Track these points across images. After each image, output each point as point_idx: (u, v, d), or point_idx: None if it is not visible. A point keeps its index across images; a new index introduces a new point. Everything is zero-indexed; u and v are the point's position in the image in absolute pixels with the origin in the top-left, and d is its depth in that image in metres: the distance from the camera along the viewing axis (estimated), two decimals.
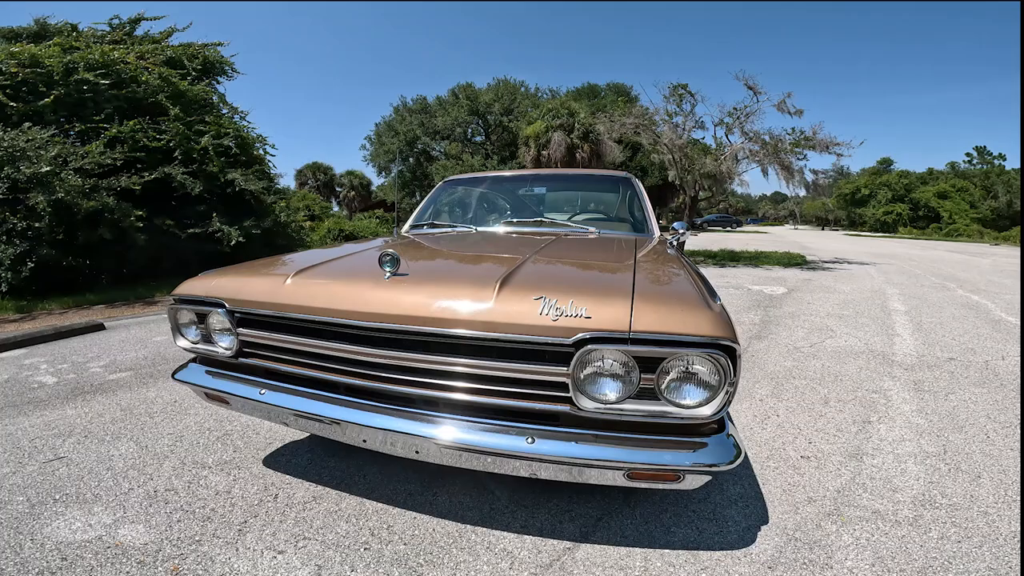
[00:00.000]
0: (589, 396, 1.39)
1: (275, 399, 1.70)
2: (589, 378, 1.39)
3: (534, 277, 1.63)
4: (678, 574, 1.59)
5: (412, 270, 1.69)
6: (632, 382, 1.36)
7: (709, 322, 1.34)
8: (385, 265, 1.61)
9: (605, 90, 31.87)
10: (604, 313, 1.36)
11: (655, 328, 1.33)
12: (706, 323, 1.34)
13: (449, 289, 1.52)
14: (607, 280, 1.67)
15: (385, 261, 1.61)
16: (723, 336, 1.32)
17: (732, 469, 1.56)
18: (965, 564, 1.65)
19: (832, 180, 13.94)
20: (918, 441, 2.63)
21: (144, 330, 5.16)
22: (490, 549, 1.67)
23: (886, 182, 46.01)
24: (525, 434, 1.43)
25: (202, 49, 10.20)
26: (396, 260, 1.61)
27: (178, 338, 1.97)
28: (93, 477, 2.16)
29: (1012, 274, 11.36)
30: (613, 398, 1.38)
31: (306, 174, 36.62)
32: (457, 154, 27.49)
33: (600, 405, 1.39)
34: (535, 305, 1.40)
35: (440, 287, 1.55)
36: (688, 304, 1.41)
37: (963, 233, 35.62)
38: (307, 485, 2.07)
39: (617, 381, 1.38)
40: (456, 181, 3.86)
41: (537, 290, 1.46)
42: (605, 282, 1.64)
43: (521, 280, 1.57)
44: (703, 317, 1.36)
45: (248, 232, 8.72)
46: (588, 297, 1.42)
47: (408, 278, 1.60)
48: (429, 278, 1.66)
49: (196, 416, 2.89)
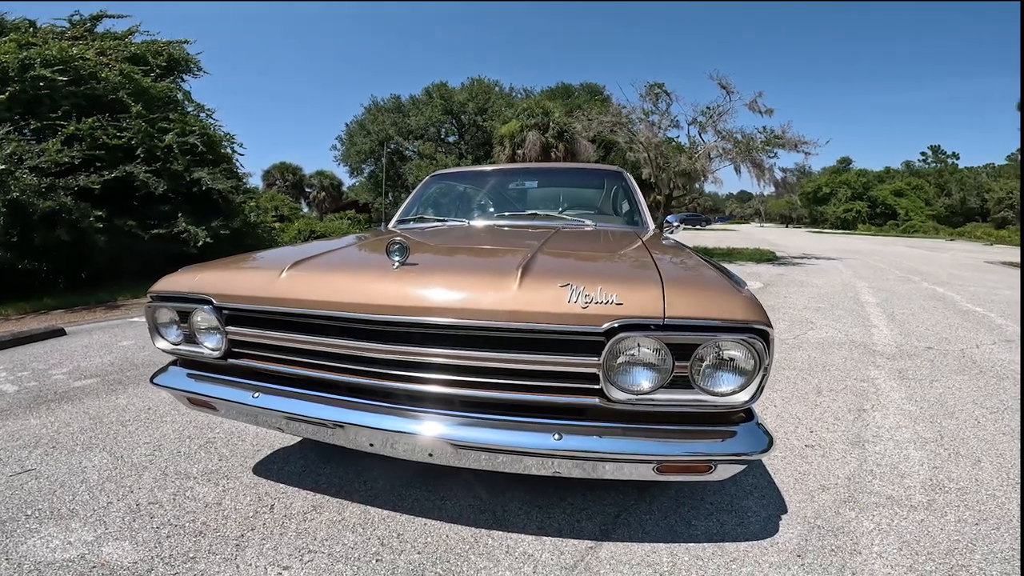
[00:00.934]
0: (620, 387, 1.32)
1: (271, 403, 1.56)
2: (621, 367, 1.31)
3: (554, 265, 1.55)
4: (707, 567, 1.54)
5: (420, 260, 1.58)
6: (665, 370, 1.30)
7: (743, 306, 1.30)
8: (393, 254, 1.49)
9: (578, 90, 32.00)
10: (636, 299, 1.29)
11: (690, 313, 1.27)
12: (740, 307, 1.29)
13: (466, 278, 1.43)
14: (630, 267, 1.60)
15: (393, 250, 1.50)
16: (757, 320, 1.27)
17: (764, 457, 1.51)
18: (988, 546, 1.65)
19: (796, 179, 14.33)
20: (914, 428, 2.67)
21: (108, 335, 4.87)
22: (510, 553, 1.58)
23: (846, 181, 47.82)
24: (552, 430, 1.35)
25: (166, 46, 9.79)
26: (405, 248, 1.50)
27: (157, 339, 1.81)
28: (66, 490, 1.98)
29: (971, 267, 11.90)
30: (646, 388, 1.31)
31: (274, 175, 35.60)
32: (431, 154, 27.17)
33: (632, 396, 1.32)
34: (562, 292, 1.32)
35: (456, 276, 1.45)
36: (719, 289, 1.36)
37: (919, 229, 37.30)
38: (304, 494, 1.94)
39: (650, 370, 1.31)
40: (443, 175, 3.75)
41: (562, 277, 1.38)
42: (629, 269, 1.57)
43: (542, 268, 1.48)
44: (736, 301, 1.31)
45: (216, 232, 8.40)
46: (617, 283, 1.34)
47: (418, 268, 1.49)
48: (441, 268, 1.56)
49: (174, 423, 2.70)
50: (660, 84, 12.60)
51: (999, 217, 31.91)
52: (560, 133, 16.79)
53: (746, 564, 1.56)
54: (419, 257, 1.60)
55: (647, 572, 1.52)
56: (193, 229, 8.04)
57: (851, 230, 42.05)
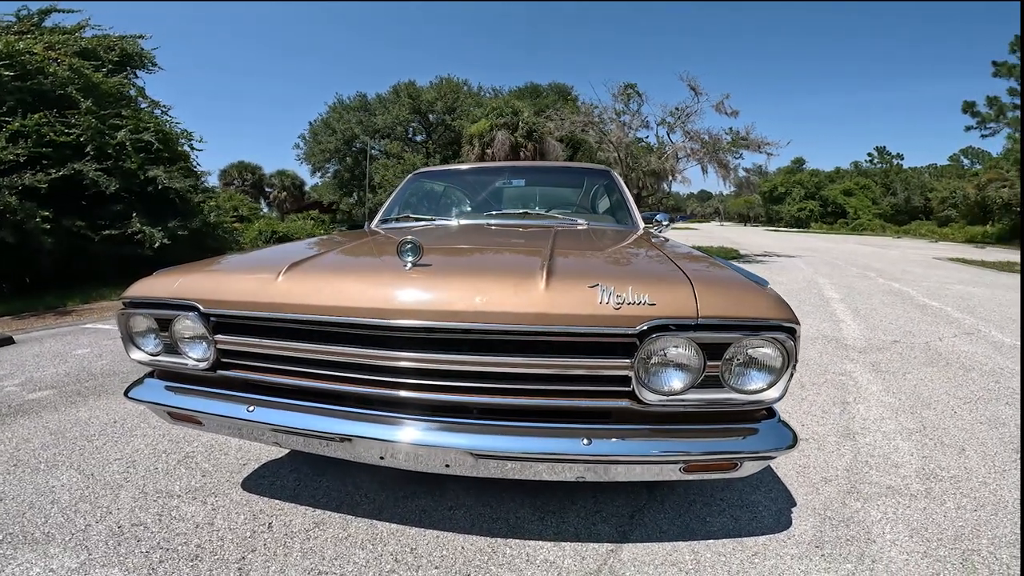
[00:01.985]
0: (652, 388, 1.29)
1: (268, 417, 1.45)
2: (654, 369, 1.29)
3: (577, 265, 1.50)
4: (731, 563, 1.54)
5: (433, 261, 1.50)
6: (697, 370, 1.27)
7: (772, 305, 1.30)
8: (406, 254, 1.41)
9: (547, 90, 32.15)
10: (668, 299, 1.26)
11: (722, 313, 1.26)
12: (768, 306, 1.29)
13: (488, 279, 1.36)
14: (654, 267, 1.58)
15: (406, 249, 1.41)
16: (787, 318, 1.28)
17: (789, 453, 1.51)
18: (992, 531, 1.71)
19: (757, 179, 14.94)
20: (897, 419, 2.76)
21: (60, 343, 4.53)
22: (530, 562, 1.53)
23: (799, 180, 49.84)
24: (580, 435, 1.30)
25: (119, 41, 9.27)
26: (418, 248, 1.41)
27: (132, 350, 1.64)
28: (37, 513, 1.80)
29: (921, 263, 12.59)
30: (678, 388, 1.29)
31: (232, 174, 34.27)
32: (398, 153, 26.71)
33: (663, 397, 1.29)
34: (591, 293, 1.27)
35: (476, 278, 1.38)
36: (747, 288, 1.36)
37: (867, 228, 39.26)
38: (303, 510, 1.82)
39: (682, 370, 1.29)
40: (427, 174, 3.65)
41: (589, 277, 1.34)
42: (654, 269, 1.54)
43: (567, 268, 1.43)
44: (764, 300, 1.31)
45: (173, 233, 8.00)
46: (647, 284, 1.31)
47: (432, 268, 1.42)
48: (459, 269, 1.48)
49: (145, 437, 2.52)
50: (632, 85, 12.84)
51: (943, 216, 33.89)
52: (529, 133, 16.81)
53: (768, 557, 1.56)
54: (430, 258, 1.52)
55: (672, 571, 1.50)
56: (148, 230, 7.64)
57: (805, 228, 43.84)
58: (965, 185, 31.12)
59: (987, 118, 29.93)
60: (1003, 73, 28.12)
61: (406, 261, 1.41)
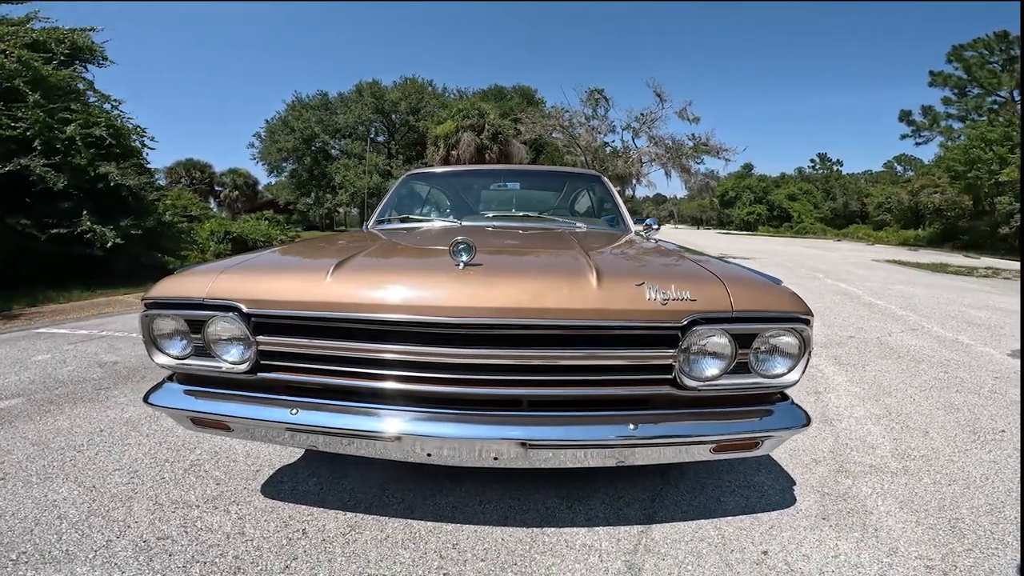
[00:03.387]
0: (692, 375, 1.42)
1: (315, 419, 1.45)
2: (694, 357, 1.42)
3: (618, 265, 1.61)
4: (752, 535, 1.70)
5: (483, 261, 1.54)
6: (730, 358, 1.42)
7: (790, 299, 1.47)
8: (459, 254, 1.46)
9: (511, 92, 32.41)
10: (706, 296, 1.40)
11: (753, 307, 1.41)
12: (789, 300, 1.46)
13: (542, 278, 1.44)
14: (683, 266, 1.70)
15: (460, 249, 1.46)
16: (803, 311, 1.45)
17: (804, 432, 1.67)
18: (969, 502, 1.94)
19: (715, 183, 15.75)
20: (864, 406, 3.02)
21: (16, 349, 4.25)
22: (570, 547, 1.62)
23: (749, 185, 52.34)
24: (627, 421, 1.40)
25: (70, 34, 8.76)
26: (471, 248, 1.47)
27: (156, 354, 1.59)
28: (46, 529, 1.73)
29: (862, 265, 13.52)
30: (713, 374, 1.43)
31: (179, 172, 32.64)
32: (359, 153, 26.21)
33: (701, 383, 1.42)
34: (640, 291, 1.39)
35: (531, 277, 1.46)
36: (768, 285, 1.52)
37: (810, 231, 41.64)
38: (333, 514, 1.82)
39: (717, 359, 1.43)
40: (421, 175, 3.68)
41: (633, 276, 1.45)
42: (686, 268, 1.67)
43: (611, 268, 1.54)
44: (785, 296, 1.48)
45: (126, 232, 7.65)
46: (684, 282, 1.44)
47: (483, 268, 1.48)
48: (509, 268, 1.55)
49: (140, 446, 2.43)
50: (600, 89, 13.22)
51: (879, 220, 36.49)
52: (495, 135, 16.92)
53: (785, 529, 1.74)
54: (479, 257, 1.55)
55: (703, 546, 1.64)
56: (99, 229, 7.28)
57: (753, 231, 46.08)
58: (899, 191, 33.59)
59: (922, 127, 32.45)
60: (939, 83, 30.56)
61: (459, 260, 1.46)
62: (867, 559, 1.59)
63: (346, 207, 32.44)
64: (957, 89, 30.81)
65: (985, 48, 29.32)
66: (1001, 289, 8.99)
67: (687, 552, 1.61)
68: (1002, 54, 28.86)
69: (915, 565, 1.57)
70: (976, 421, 2.77)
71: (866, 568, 1.56)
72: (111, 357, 3.95)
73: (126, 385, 3.30)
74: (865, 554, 1.62)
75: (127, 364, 3.76)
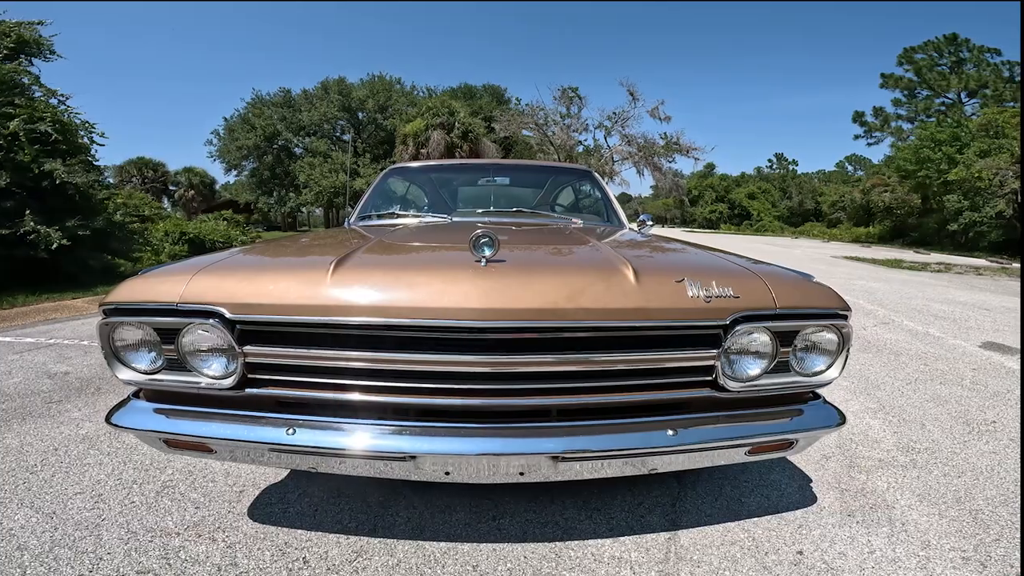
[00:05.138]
0: (734, 376, 1.34)
1: (316, 439, 1.27)
2: (735, 357, 1.34)
3: (654, 261, 1.51)
4: (782, 534, 1.65)
5: (506, 256, 1.41)
6: (771, 356, 1.35)
7: (830, 295, 1.41)
8: (481, 248, 1.31)
9: (481, 91, 32.18)
10: (748, 292, 1.33)
11: (796, 304, 1.34)
12: (828, 295, 1.41)
13: (576, 275, 1.33)
14: (716, 262, 1.62)
15: (482, 243, 1.31)
16: (841, 307, 1.39)
17: (839, 430, 1.61)
18: (981, 492, 1.94)
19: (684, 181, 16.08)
20: (858, 400, 3.04)
21: None
22: (599, 560, 1.51)
23: (711, 184, 53.75)
24: (665, 427, 1.31)
25: (16, 27, 8.18)
26: (494, 242, 1.32)
27: (120, 368, 1.37)
28: (7, 562, 1.50)
29: (822, 261, 14.00)
30: (755, 374, 1.35)
31: (130, 170, 30.92)
32: (324, 151, 25.45)
33: (742, 384, 1.34)
34: (681, 288, 1.29)
35: (563, 274, 1.34)
36: (805, 280, 1.46)
37: (768, 228, 43.09)
38: (335, 538, 1.66)
39: (760, 358, 1.35)
40: (405, 169, 3.52)
41: (672, 272, 1.36)
42: (719, 264, 1.59)
43: (648, 264, 1.44)
44: (824, 291, 1.42)
45: (73, 234, 7.19)
46: (726, 278, 1.36)
47: (507, 264, 1.35)
48: (536, 265, 1.43)
49: (102, 466, 2.20)
50: (574, 88, 13.24)
51: (833, 218, 38.05)
52: (465, 133, 16.72)
53: (813, 528, 1.69)
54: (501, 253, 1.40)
55: (734, 550, 1.57)
56: (44, 229, 6.82)
57: (716, 229, 47.32)
58: (852, 190, 35.10)
59: (873, 127, 34.05)
60: (890, 85, 32.10)
61: (480, 256, 1.31)
62: (903, 553, 1.56)
63: (310, 206, 31.50)
64: (907, 91, 32.50)
65: (935, 51, 31.05)
66: (956, 284, 9.44)
67: (721, 557, 1.53)
68: (951, 56, 30.61)
69: (951, 557, 1.55)
70: (967, 412, 2.82)
71: (904, 562, 1.52)
72: (61, 367, 3.62)
73: (79, 398, 3.01)
74: (900, 549, 1.59)
75: (79, 375, 3.44)
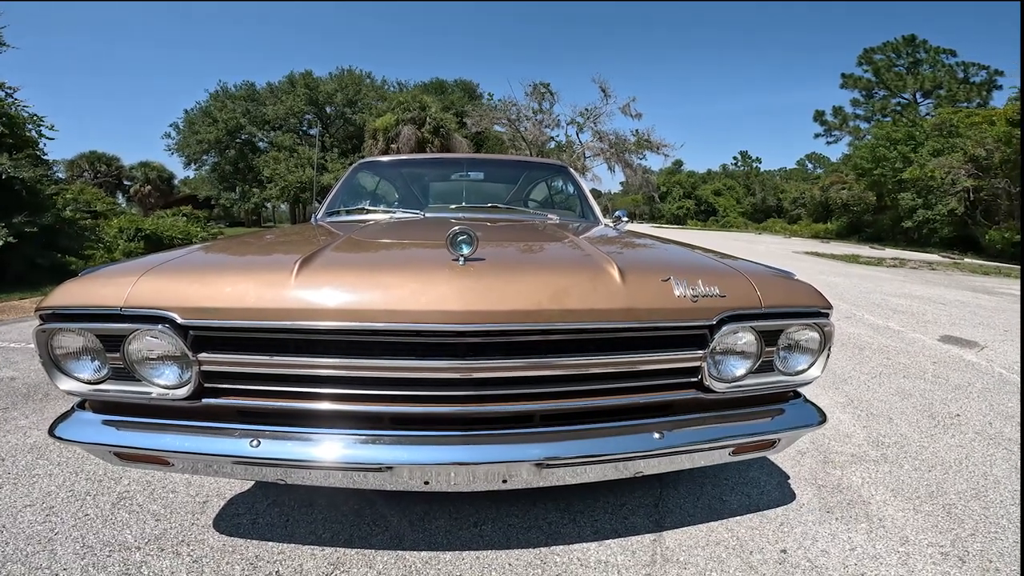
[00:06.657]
0: (719, 377, 1.33)
1: (281, 451, 1.21)
2: (722, 358, 1.33)
3: (638, 258, 1.48)
4: (765, 532, 1.65)
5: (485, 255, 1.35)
6: (756, 356, 1.34)
7: (811, 293, 1.42)
8: (459, 246, 1.25)
9: (453, 86, 31.81)
10: (734, 291, 1.31)
11: (780, 302, 1.34)
12: (810, 294, 1.41)
13: (560, 274, 1.29)
14: (700, 260, 1.61)
15: (460, 241, 1.25)
16: (823, 305, 1.40)
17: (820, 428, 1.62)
18: (954, 486, 2.00)
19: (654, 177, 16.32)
20: (828, 395, 3.11)
21: None
22: (585, 565, 1.48)
23: (678, 181, 54.74)
24: (651, 430, 1.28)
25: None
26: (473, 239, 1.26)
27: (60, 378, 1.25)
28: None
29: (786, 257, 14.43)
30: (740, 375, 1.34)
31: (82, 165, 29.38)
32: (290, 146, 24.71)
33: (728, 385, 1.33)
34: (667, 287, 1.26)
35: (548, 273, 1.29)
36: (788, 279, 1.47)
37: (733, 224, 44.20)
38: (309, 550, 1.58)
39: (745, 358, 1.34)
40: (375, 163, 3.41)
41: (658, 271, 1.33)
42: (703, 262, 1.57)
43: (633, 262, 1.41)
44: (806, 289, 1.43)
45: (20, 230, 6.85)
46: (711, 277, 1.34)
47: (487, 263, 1.29)
48: (519, 264, 1.38)
49: (52, 477, 2.05)
50: (546, 84, 13.22)
51: (794, 214, 39.30)
52: (436, 128, 16.51)
53: (796, 525, 1.71)
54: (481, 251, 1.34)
55: (720, 550, 1.56)
56: None
57: (683, 225, 48.24)
58: (811, 187, 36.32)
59: (832, 126, 35.28)
60: (849, 85, 33.27)
61: (458, 255, 1.25)
62: (883, 550, 1.59)
63: (275, 202, 30.58)
64: (865, 91, 33.79)
65: (893, 51, 32.34)
66: (912, 278, 9.87)
67: (707, 558, 1.53)
68: (908, 57, 31.95)
69: (930, 553, 1.58)
70: (931, 406, 2.92)
71: (885, 559, 1.55)
72: (6, 372, 3.38)
73: (26, 405, 2.82)
74: (880, 545, 1.62)
75: (26, 380, 3.22)
